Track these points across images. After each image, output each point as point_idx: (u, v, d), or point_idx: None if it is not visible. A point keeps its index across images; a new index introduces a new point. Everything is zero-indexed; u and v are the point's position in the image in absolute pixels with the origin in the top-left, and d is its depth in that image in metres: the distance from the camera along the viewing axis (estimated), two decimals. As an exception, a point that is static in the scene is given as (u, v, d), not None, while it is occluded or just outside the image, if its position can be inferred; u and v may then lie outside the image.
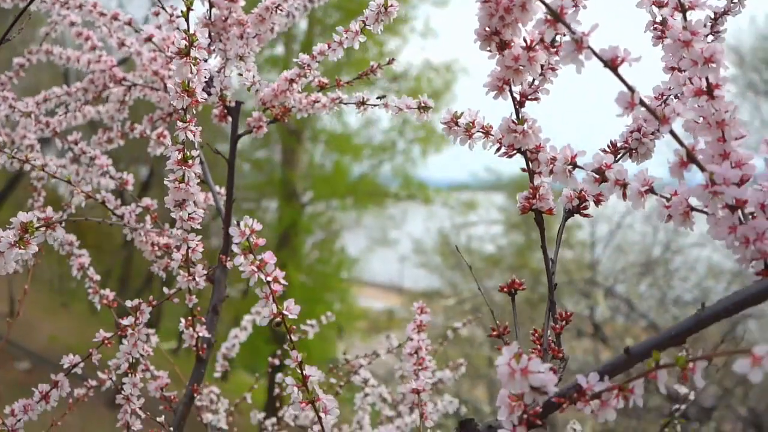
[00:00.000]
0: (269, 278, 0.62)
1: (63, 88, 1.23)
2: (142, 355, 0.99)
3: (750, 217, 0.52)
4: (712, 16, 0.72)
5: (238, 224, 0.61)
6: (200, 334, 0.98)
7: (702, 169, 0.51)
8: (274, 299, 0.63)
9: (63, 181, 0.99)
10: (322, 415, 0.65)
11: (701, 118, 0.54)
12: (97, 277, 1.10)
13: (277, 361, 1.44)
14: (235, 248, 0.62)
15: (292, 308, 0.64)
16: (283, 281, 0.63)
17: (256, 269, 0.62)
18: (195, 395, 0.99)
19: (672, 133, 0.51)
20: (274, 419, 1.47)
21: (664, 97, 0.69)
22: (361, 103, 0.97)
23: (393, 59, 1.03)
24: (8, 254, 0.68)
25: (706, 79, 0.54)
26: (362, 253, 11.93)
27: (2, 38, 0.79)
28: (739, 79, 9.60)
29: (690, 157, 0.51)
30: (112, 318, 1.04)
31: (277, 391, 1.41)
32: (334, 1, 9.09)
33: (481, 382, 7.60)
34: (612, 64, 0.51)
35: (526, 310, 7.24)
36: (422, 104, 0.84)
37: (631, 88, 0.51)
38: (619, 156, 0.69)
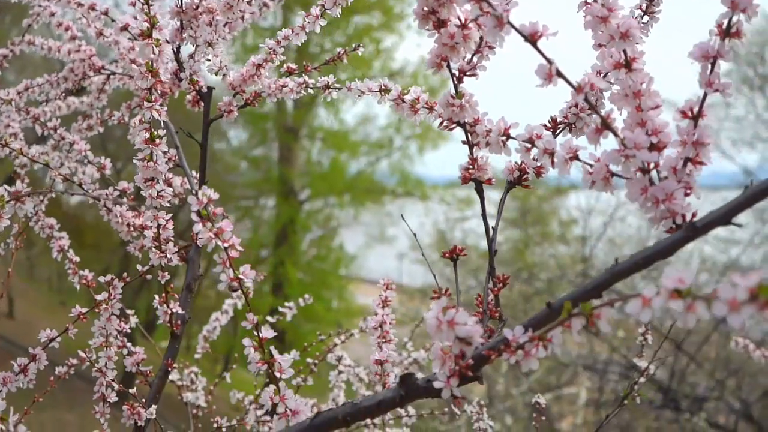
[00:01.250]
0: (226, 245, 0.66)
1: (44, 77, 1.27)
2: (119, 331, 1.03)
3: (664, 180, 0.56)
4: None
5: (196, 194, 0.65)
6: (174, 311, 1.02)
7: (615, 135, 0.55)
8: (231, 264, 0.67)
9: (41, 164, 1.02)
10: (277, 374, 0.69)
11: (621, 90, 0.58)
12: (77, 259, 1.14)
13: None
14: (193, 216, 0.66)
15: (248, 273, 0.68)
16: (239, 248, 0.67)
17: (213, 236, 0.66)
18: (169, 369, 1.03)
19: (587, 101, 0.55)
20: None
21: (602, 74, 0.73)
22: (326, 87, 1.01)
23: (359, 45, 1.07)
24: (-18, 227, 0.72)
25: (624, 52, 0.58)
26: (360, 250, 11.97)
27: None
28: (733, 74, 9.64)
29: (605, 124, 0.55)
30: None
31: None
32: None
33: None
34: (532, 38, 0.55)
35: (520, 303, 7.29)
36: (383, 87, 0.87)
37: (549, 61, 0.55)
38: (559, 130, 0.73)
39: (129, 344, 1.08)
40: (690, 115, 0.57)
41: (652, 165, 0.55)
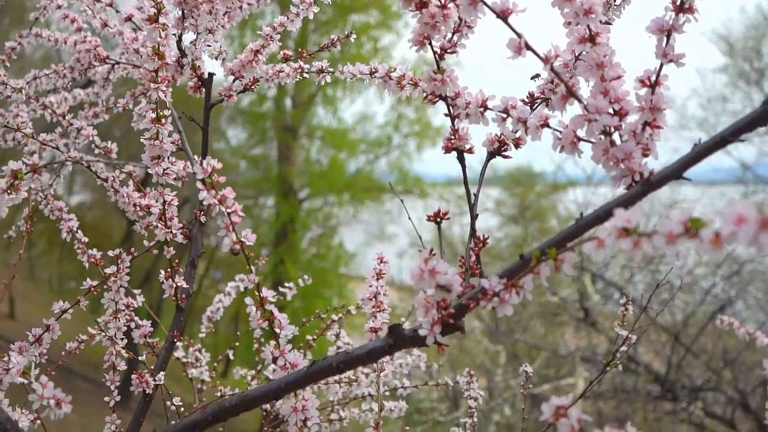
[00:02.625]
0: (229, 210, 0.72)
1: (51, 67, 1.33)
2: (126, 306, 1.09)
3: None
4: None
5: (201, 163, 0.71)
6: (179, 285, 1.08)
7: (579, 101, 0.61)
8: (234, 229, 0.73)
9: (52, 147, 1.08)
10: (277, 330, 0.75)
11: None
12: (86, 239, 1.20)
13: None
14: (199, 184, 0.71)
15: (249, 236, 0.74)
16: (241, 213, 0.73)
17: (217, 202, 0.72)
18: (175, 341, 1.09)
19: (553, 70, 0.61)
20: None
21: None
22: (320, 71, 1.06)
23: (351, 33, 1.12)
24: (3, 199, 0.77)
25: (588, 27, 0.63)
26: (360, 248, 12.02)
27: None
28: (730, 68, 9.70)
29: (569, 92, 0.61)
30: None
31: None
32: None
33: (479, 375, 7.72)
34: (503, 15, 0.61)
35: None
36: (372, 70, 0.93)
37: (519, 35, 0.61)
38: (536, 105, 0.79)
39: (136, 318, 1.13)
40: (648, 83, 0.62)
41: (613, 128, 0.61)
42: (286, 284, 1.46)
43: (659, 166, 0.65)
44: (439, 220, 0.76)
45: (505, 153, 0.77)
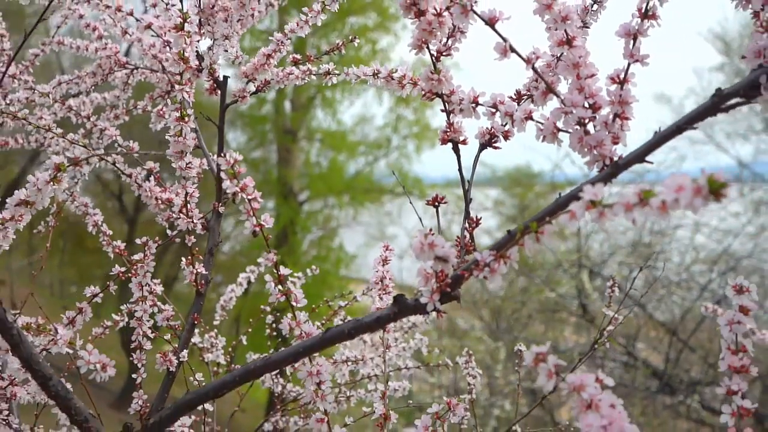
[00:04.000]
0: (250, 197, 0.81)
1: (74, 72, 1.42)
2: (150, 291, 1.18)
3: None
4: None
5: (225, 155, 0.80)
6: (199, 271, 1.17)
7: (557, 96, 0.70)
8: (254, 213, 0.82)
9: (79, 145, 1.17)
10: (294, 303, 0.84)
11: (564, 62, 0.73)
12: (110, 232, 1.29)
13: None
14: (223, 174, 0.81)
15: (268, 220, 0.83)
16: (260, 200, 0.82)
17: (239, 190, 0.81)
18: (195, 323, 1.18)
19: (534, 70, 0.70)
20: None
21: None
22: (327, 73, 1.16)
23: (355, 37, 1.22)
24: (45, 190, 0.87)
25: (565, 32, 0.73)
26: (360, 249, 12.11)
27: (37, 21, 0.98)
28: (726, 67, 9.79)
29: (549, 89, 0.71)
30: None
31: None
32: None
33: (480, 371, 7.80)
34: (491, 22, 0.70)
35: (519, 296, 7.44)
36: (375, 72, 1.02)
37: (504, 39, 0.70)
38: (523, 100, 0.88)
39: (159, 303, 1.23)
40: (617, 80, 0.72)
41: (587, 120, 0.70)
42: (295, 274, 1.55)
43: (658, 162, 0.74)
44: (437, 204, 0.86)
45: (496, 144, 0.87)
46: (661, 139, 0.65)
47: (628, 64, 0.72)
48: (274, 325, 1.59)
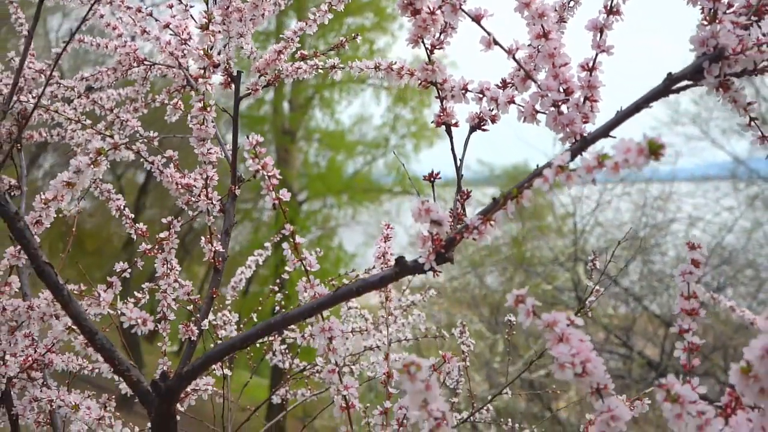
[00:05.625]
0: (269, 174, 0.93)
1: (96, 68, 1.53)
2: (170, 268, 1.30)
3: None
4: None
5: (248, 137, 0.92)
6: (216, 249, 1.28)
7: (535, 82, 0.82)
8: (273, 189, 0.94)
9: (105, 135, 1.29)
10: (308, 268, 0.95)
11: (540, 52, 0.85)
12: (132, 215, 1.40)
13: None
14: (246, 154, 0.92)
15: (285, 194, 0.94)
16: (278, 176, 0.94)
17: (260, 168, 0.92)
18: (214, 296, 1.29)
19: (515, 59, 0.82)
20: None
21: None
22: (332, 67, 1.27)
23: (357, 35, 1.33)
24: (86, 172, 0.98)
25: (542, 26, 0.84)
26: (359, 249, 12.22)
27: (72, 34, 1.09)
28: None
29: (527, 75, 0.82)
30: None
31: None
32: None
33: (479, 364, 7.92)
34: (477, 18, 0.82)
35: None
36: (377, 65, 1.14)
37: (489, 33, 0.81)
38: (507, 87, 0.99)
39: (179, 281, 1.34)
40: (587, 68, 0.83)
41: (561, 102, 0.82)
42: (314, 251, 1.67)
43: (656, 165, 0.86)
44: (432, 180, 0.97)
45: (484, 127, 0.98)
46: (622, 117, 0.76)
47: (596, 54, 0.83)
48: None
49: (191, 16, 1.30)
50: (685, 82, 0.76)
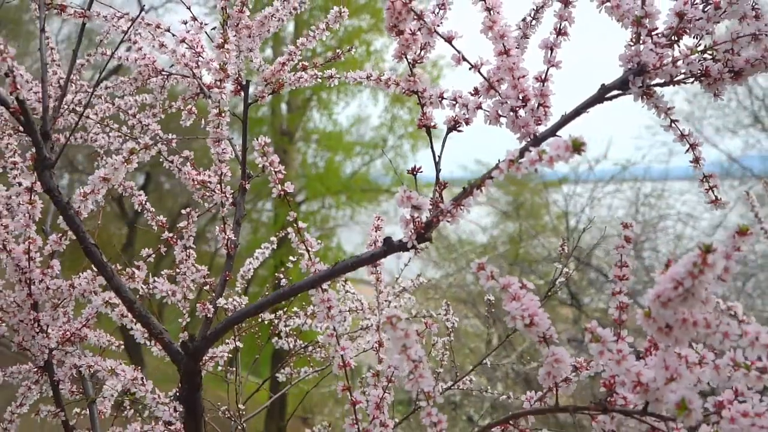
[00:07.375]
0: (276, 169, 1.10)
1: (117, 78, 1.71)
2: (188, 256, 1.47)
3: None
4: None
5: (257, 138, 1.09)
6: (229, 237, 1.46)
7: (496, 91, 1.00)
8: (280, 181, 1.11)
9: (129, 137, 1.46)
10: (309, 248, 1.13)
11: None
12: (153, 209, 1.58)
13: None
14: (256, 153, 1.09)
15: (290, 186, 1.12)
16: (283, 171, 1.11)
17: (268, 164, 1.10)
18: (227, 279, 1.47)
19: (480, 73, 0.99)
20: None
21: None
22: (331, 77, 1.45)
23: (352, 47, 1.51)
24: (121, 169, 1.15)
25: (503, 45, 1.02)
26: (358, 249, 12.37)
27: (111, 55, 1.26)
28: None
29: (490, 86, 1.00)
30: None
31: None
32: (319, 4, 9.56)
33: (473, 358, 8.09)
34: (449, 39, 0.99)
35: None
36: (369, 75, 1.31)
37: (458, 51, 0.99)
38: (478, 95, 1.17)
39: (195, 265, 1.51)
40: (540, 80, 1.01)
41: (518, 108, 0.99)
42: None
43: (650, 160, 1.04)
44: (414, 173, 1.15)
45: (459, 128, 1.16)
46: (564, 121, 0.94)
47: (547, 68, 1.01)
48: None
49: (205, 31, 1.47)
50: (615, 92, 0.94)
